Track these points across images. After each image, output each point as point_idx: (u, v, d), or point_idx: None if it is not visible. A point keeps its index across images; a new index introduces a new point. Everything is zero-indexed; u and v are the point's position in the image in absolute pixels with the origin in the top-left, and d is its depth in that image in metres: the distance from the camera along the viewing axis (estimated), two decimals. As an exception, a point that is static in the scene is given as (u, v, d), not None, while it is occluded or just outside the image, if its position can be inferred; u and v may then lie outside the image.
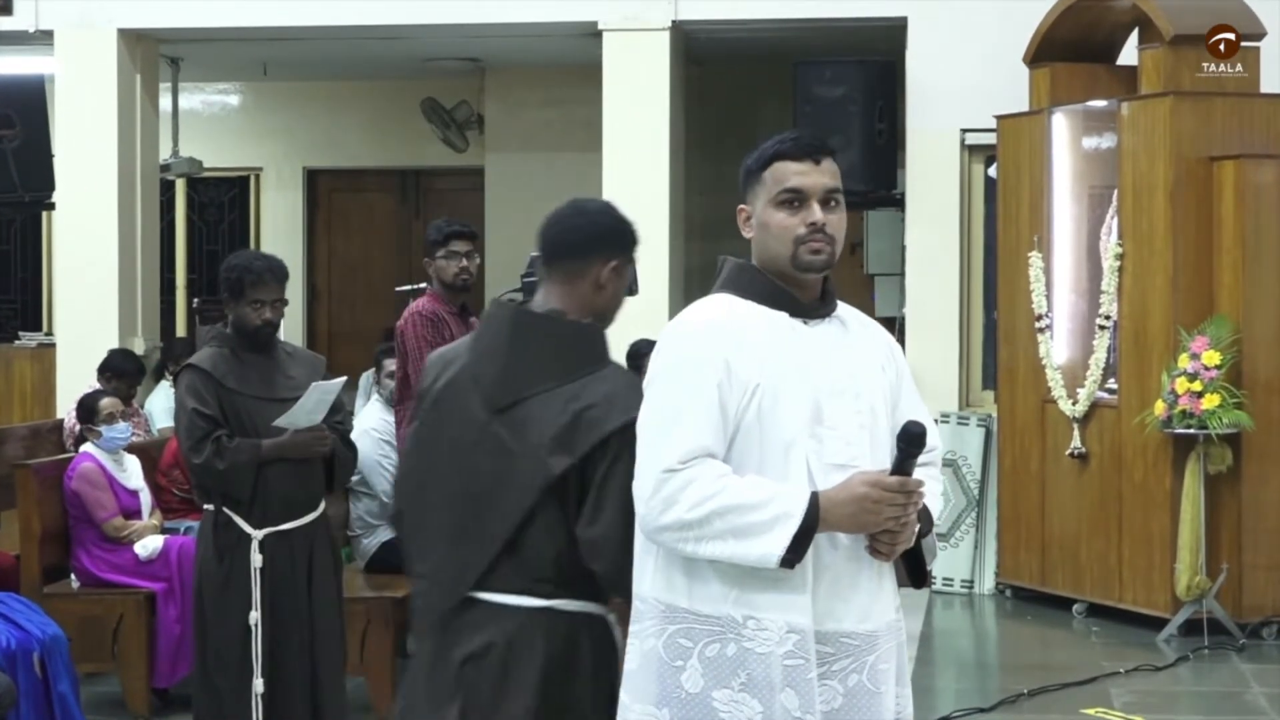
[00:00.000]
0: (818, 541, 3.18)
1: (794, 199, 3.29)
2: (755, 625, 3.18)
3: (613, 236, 3.73)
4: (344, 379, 5.73)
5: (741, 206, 3.38)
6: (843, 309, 3.41)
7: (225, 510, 5.55)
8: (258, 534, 5.53)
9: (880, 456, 3.27)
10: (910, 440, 3.17)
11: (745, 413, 3.21)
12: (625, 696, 3.31)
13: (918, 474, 3.36)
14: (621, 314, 3.67)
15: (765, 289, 3.32)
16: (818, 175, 3.30)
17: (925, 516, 3.33)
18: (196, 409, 5.49)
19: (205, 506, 5.66)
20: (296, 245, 14.22)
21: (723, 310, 3.31)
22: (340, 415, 5.77)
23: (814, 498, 3.15)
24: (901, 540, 3.23)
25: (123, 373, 9.28)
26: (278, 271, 5.66)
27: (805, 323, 3.32)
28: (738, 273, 3.38)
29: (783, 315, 3.29)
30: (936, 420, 7.70)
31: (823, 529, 3.15)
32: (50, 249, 13.19)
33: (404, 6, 10.49)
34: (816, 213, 3.28)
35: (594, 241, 3.67)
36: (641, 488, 3.20)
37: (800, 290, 3.33)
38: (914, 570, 3.38)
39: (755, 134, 13.19)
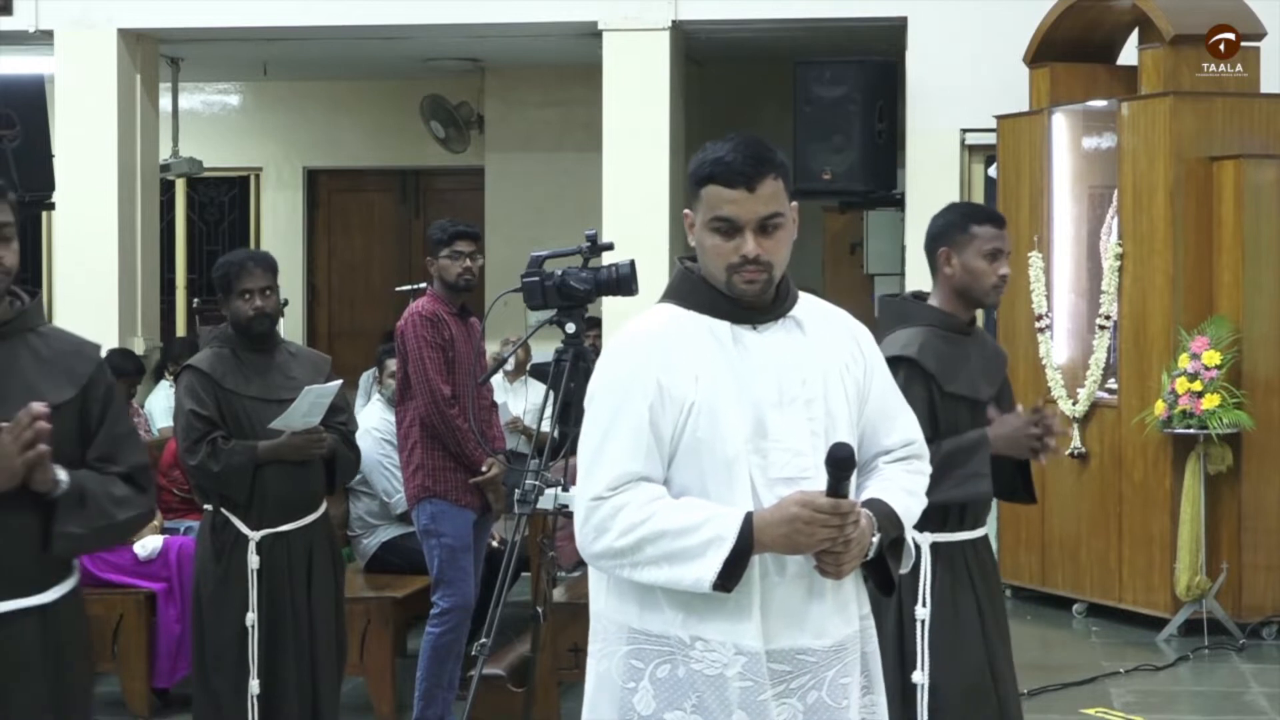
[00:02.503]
0: (765, 560, 3.10)
1: (726, 227, 3.15)
2: (703, 647, 3.11)
3: (939, 229, 4.52)
4: (340, 382, 5.71)
5: (686, 212, 3.25)
6: (802, 306, 3.27)
7: (223, 511, 5.55)
8: (255, 535, 5.53)
9: None
10: (837, 464, 3.02)
11: (683, 432, 3.11)
12: (585, 717, 3.28)
13: (895, 469, 3.30)
14: (620, 315, 3.66)
15: (707, 298, 3.20)
16: (751, 204, 3.13)
17: (894, 522, 3.21)
18: (194, 410, 5.49)
19: (204, 507, 5.66)
20: (296, 245, 14.23)
21: (658, 325, 3.20)
22: (344, 416, 5.75)
23: (748, 520, 3.05)
24: (847, 560, 3.10)
25: (122, 372, 9.27)
26: (261, 260, 5.66)
27: (755, 328, 3.19)
28: (681, 281, 3.27)
29: (724, 325, 3.17)
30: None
31: (758, 551, 3.06)
32: (50, 249, 13.19)
33: (404, 6, 10.49)
34: (749, 244, 3.13)
35: (930, 240, 4.54)
36: (576, 515, 3.16)
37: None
38: (881, 579, 3.26)
39: (755, 134, 13.16)
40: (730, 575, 3.04)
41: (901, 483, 3.29)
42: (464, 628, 6.44)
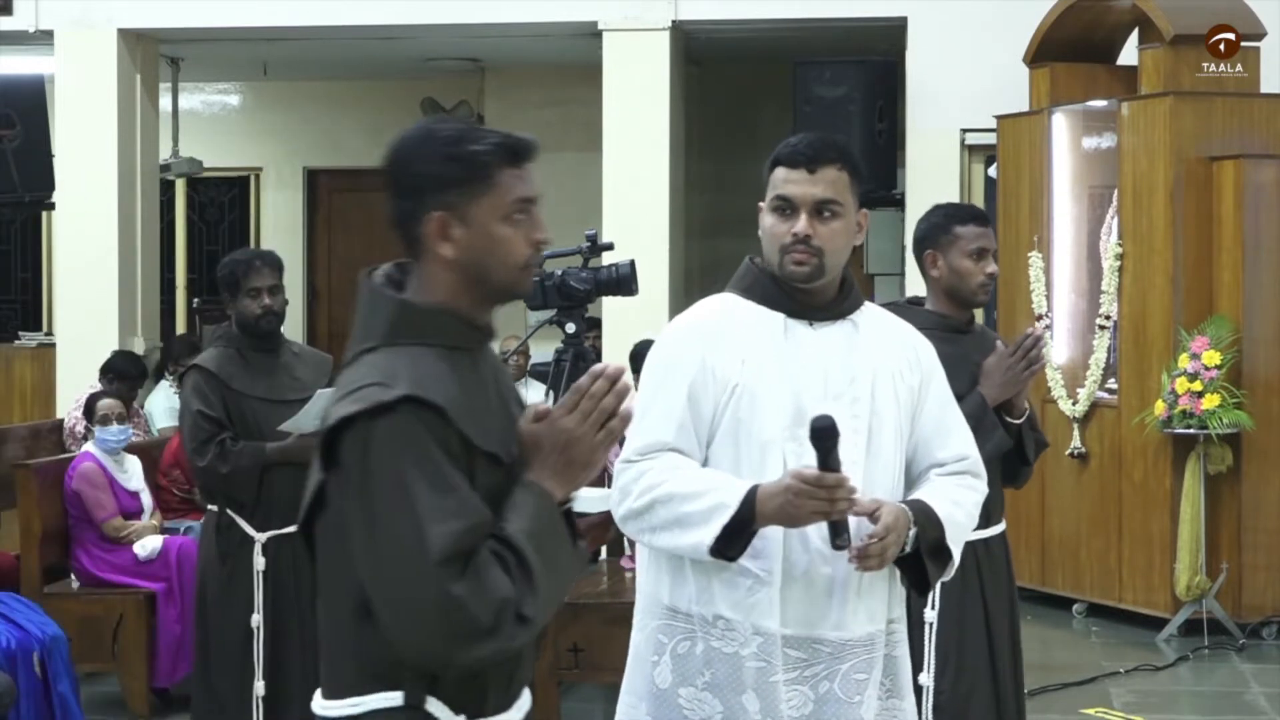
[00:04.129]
0: (790, 545, 3.15)
1: (784, 206, 3.26)
2: (724, 625, 3.19)
3: (923, 233, 4.52)
4: None
5: (760, 204, 3.36)
6: (866, 312, 3.37)
7: (228, 512, 5.53)
8: (261, 536, 5.51)
9: (882, 464, 3.22)
10: (816, 435, 3.05)
11: (724, 412, 3.20)
12: (623, 685, 3.35)
13: (945, 481, 3.31)
14: (620, 315, 3.71)
15: (766, 290, 3.30)
16: (809, 185, 3.25)
17: (933, 522, 3.24)
18: (201, 411, 5.47)
19: (209, 508, 5.64)
20: (296, 245, 14.22)
21: (712, 310, 3.32)
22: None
23: (752, 490, 3.11)
24: (874, 554, 3.12)
25: (125, 375, 9.28)
26: (269, 259, 5.66)
27: (810, 324, 3.28)
28: (744, 273, 3.37)
29: (779, 317, 3.26)
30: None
31: (761, 522, 3.11)
32: (50, 249, 13.19)
33: (404, 6, 10.49)
34: (801, 223, 3.23)
35: (916, 244, 4.57)
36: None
37: (805, 292, 3.28)
38: (916, 578, 3.30)
39: (755, 134, 13.21)
40: (729, 543, 3.10)
41: (949, 493, 3.32)
42: None
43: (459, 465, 2.44)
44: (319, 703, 2.57)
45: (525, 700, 2.63)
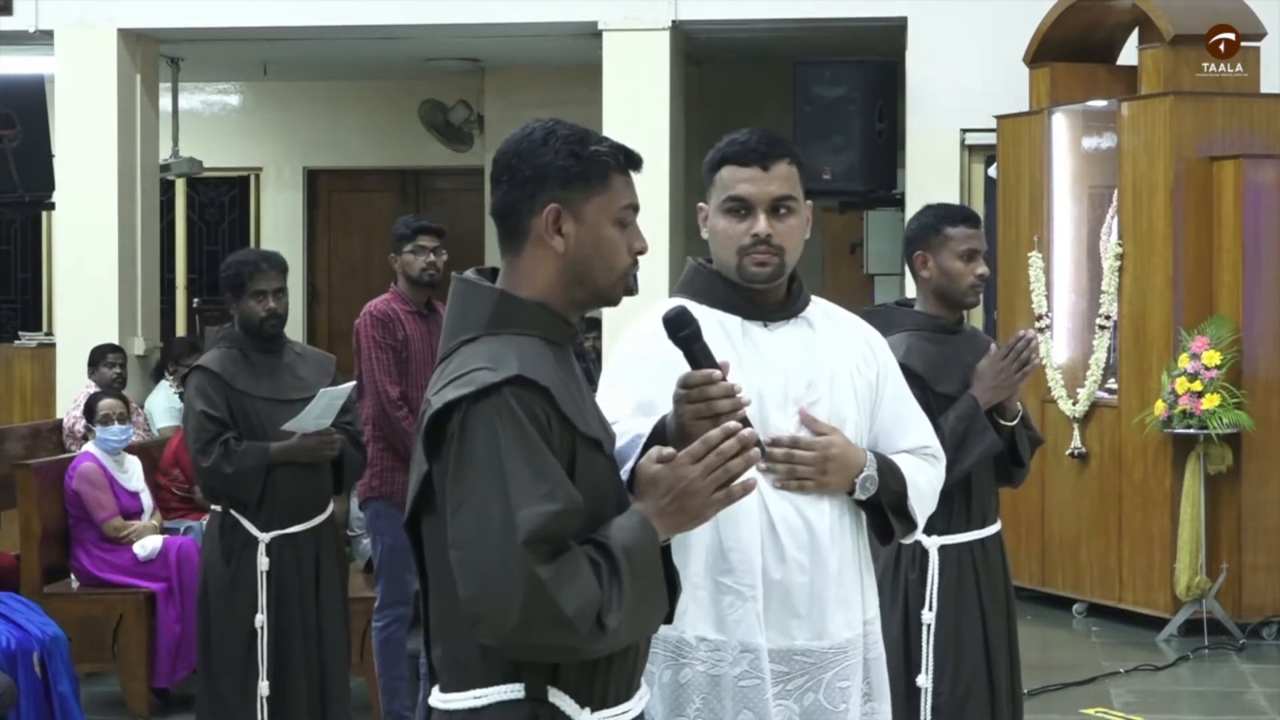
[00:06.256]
0: (767, 558, 3.09)
1: (739, 207, 3.18)
2: (708, 647, 3.11)
3: (913, 233, 4.46)
4: (353, 384, 5.71)
5: (701, 205, 3.28)
6: (816, 308, 3.27)
7: (232, 513, 5.53)
8: (265, 537, 5.51)
9: None
10: (669, 330, 2.74)
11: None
12: None
13: (908, 456, 3.27)
14: (620, 315, 3.63)
15: (719, 292, 3.22)
16: (764, 183, 3.17)
17: (894, 472, 3.20)
18: (205, 411, 5.47)
19: (212, 508, 5.64)
20: (296, 245, 14.21)
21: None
22: (350, 416, 5.73)
23: (659, 423, 2.87)
24: (809, 462, 3.05)
25: (114, 362, 9.31)
26: (274, 261, 5.66)
27: (765, 326, 3.21)
28: (693, 275, 3.30)
29: (736, 320, 3.19)
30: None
31: None
32: (50, 249, 13.19)
33: (404, 6, 10.49)
34: (761, 224, 3.16)
35: (906, 245, 4.47)
36: None
37: (759, 293, 3.21)
38: (880, 524, 3.24)
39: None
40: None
41: (909, 460, 3.27)
42: (404, 622, 6.46)
43: (559, 449, 2.47)
44: (437, 697, 2.58)
45: (645, 691, 2.66)
